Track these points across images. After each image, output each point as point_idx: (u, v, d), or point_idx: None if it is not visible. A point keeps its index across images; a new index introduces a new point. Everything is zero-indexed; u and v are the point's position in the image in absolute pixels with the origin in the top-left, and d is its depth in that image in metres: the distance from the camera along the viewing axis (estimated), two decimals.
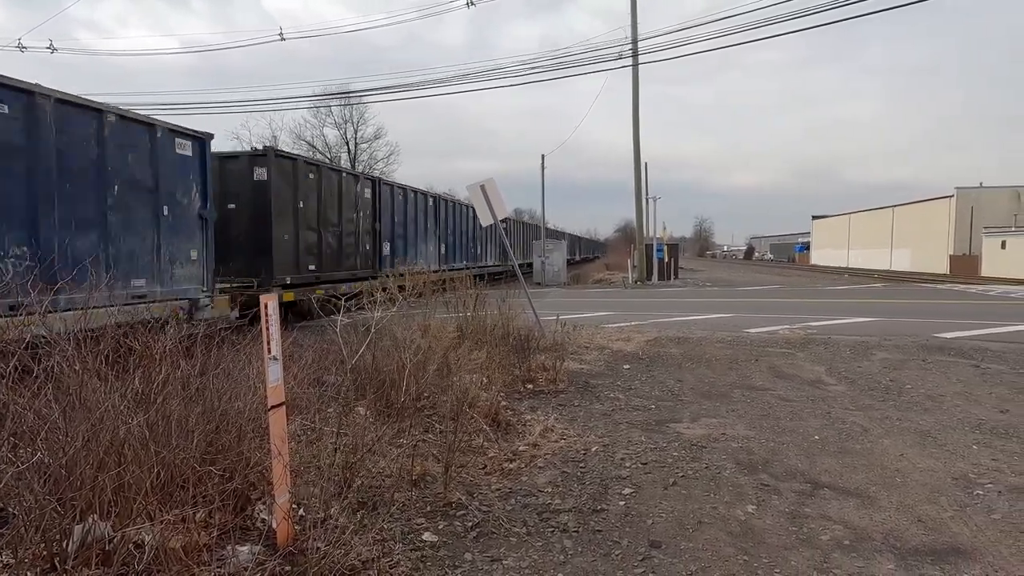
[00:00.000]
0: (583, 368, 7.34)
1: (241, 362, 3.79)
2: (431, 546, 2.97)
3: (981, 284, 27.16)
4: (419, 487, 3.61)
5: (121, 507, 2.35)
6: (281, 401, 2.60)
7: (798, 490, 3.70)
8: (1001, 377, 6.77)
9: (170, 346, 3.14)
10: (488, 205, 9.50)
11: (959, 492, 3.65)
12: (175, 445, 2.53)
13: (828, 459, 4.23)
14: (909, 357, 7.92)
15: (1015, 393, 6.07)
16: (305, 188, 11.07)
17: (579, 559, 2.90)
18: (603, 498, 3.59)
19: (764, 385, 6.48)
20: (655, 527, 3.23)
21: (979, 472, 3.96)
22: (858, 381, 6.62)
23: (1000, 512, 3.37)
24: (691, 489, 3.73)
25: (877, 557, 2.89)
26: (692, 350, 8.55)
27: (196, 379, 3.17)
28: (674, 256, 29.01)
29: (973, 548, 2.97)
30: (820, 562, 2.85)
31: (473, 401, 4.92)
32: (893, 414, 5.35)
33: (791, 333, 10.02)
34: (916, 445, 4.50)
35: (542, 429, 4.82)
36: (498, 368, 6.16)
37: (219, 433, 2.87)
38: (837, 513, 3.38)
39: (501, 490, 3.69)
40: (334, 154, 44.22)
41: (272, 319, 2.51)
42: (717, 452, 4.38)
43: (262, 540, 2.61)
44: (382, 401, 4.66)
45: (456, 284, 8.59)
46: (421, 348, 4.86)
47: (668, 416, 5.36)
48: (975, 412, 5.39)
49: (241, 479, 2.68)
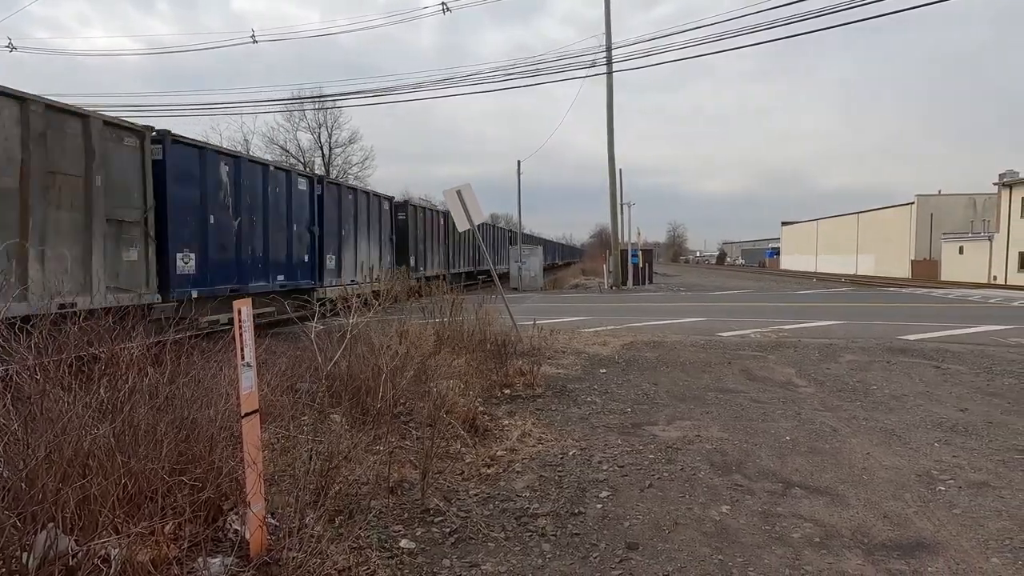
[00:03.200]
0: (560, 372, 7.37)
1: (213, 369, 3.71)
2: (409, 553, 2.94)
3: (941, 288, 28.20)
4: (396, 494, 3.58)
5: (86, 520, 2.27)
6: (255, 408, 2.55)
7: (770, 490, 3.78)
8: (960, 377, 7.03)
9: (137, 353, 3.05)
10: (464, 210, 9.50)
11: (922, 488, 3.77)
12: (143, 455, 2.45)
13: (799, 459, 4.32)
14: (874, 359, 8.17)
15: (973, 392, 6.31)
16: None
17: (557, 563, 2.90)
18: (581, 501, 3.61)
19: (737, 387, 6.60)
20: (632, 529, 3.26)
21: (941, 469, 4.10)
22: (827, 382, 6.79)
23: (961, 507, 3.49)
24: (667, 491, 3.77)
25: (846, 553, 2.97)
26: (667, 354, 8.66)
27: (165, 387, 3.08)
28: (648, 261, 29.44)
29: (936, 542, 3.07)
30: (792, 559, 2.91)
31: (450, 407, 4.90)
32: (860, 414, 5.50)
33: (762, 336, 10.25)
34: (882, 444, 4.64)
35: (520, 434, 4.82)
36: (475, 373, 6.15)
37: (190, 442, 2.80)
38: (808, 511, 3.46)
39: (479, 495, 3.67)
40: (308, 158, 43.68)
41: (246, 324, 2.46)
42: (692, 454, 4.44)
43: (235, 551, 2.55)
44: (358, 408, 4.61)
45: (432, 290, 8.55)
46: (398, 354, 4.83)
47: (644, 419, 5.41)
48: (937, 411, 5.59)
49: (213, 489, 2.62)
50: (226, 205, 9.62)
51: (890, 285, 31.38)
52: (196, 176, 9.00)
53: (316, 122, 43.79)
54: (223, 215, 9.54)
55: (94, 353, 3.27)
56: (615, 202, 25.66)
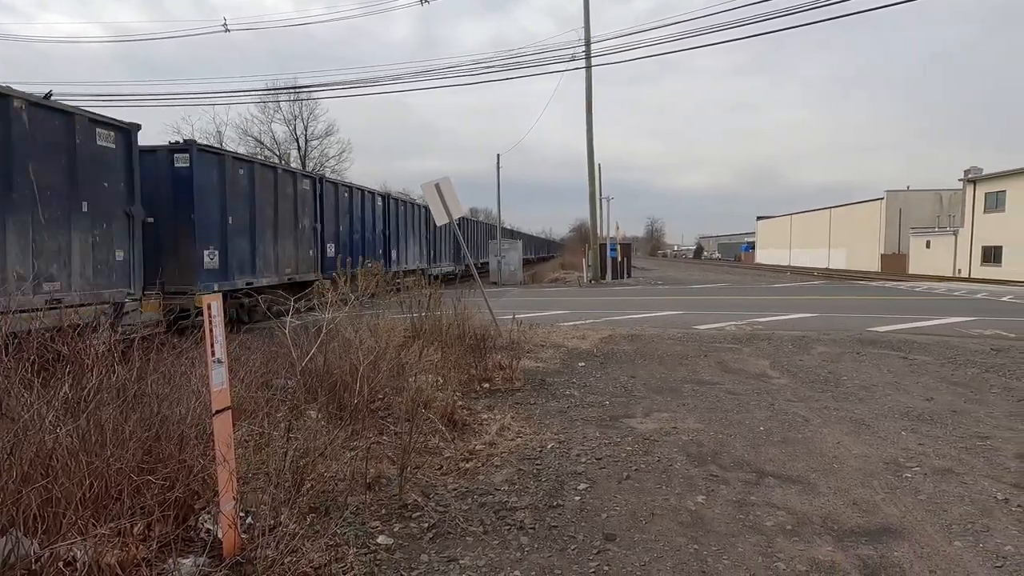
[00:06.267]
0: (539, 366, 7.39)
1: (184, 366, 3.63)
2: (386, 549, 2.92)
3: (909, 281, 29.03)
4: (374, 490, 3.55)
5: (49, 523, 2.20)
6: (226, 405, 2.50)
7: (745, 479, 3.85)
8: (926, 368, 7.25)
9: (103, 350, 2.96)
10: (443, 204, 9.43)
11: (890, 476, 3.88)
12: (109, 454, 2.38)
13: (772, 449, 4.41)
14: (845, 350, 8.37)
15: (938, 382, 6.51)
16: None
17: (535, 555, 2.92)
18: (559, 494, 3.63)
19: (713, 379, 6.70)
20: (610, 520, 3.29)
21: (907, 456, 4.22)
22: (799, 374, 6.94)
23: (926, 493, 3.60)
24: (644, 482, 3.82)
25: (817, 540, 3.04)
26: (644, 347, 8.75)
27: (133, 384, 3.00)
28: (627, 255, 29.64)
29: (902, 527, 3.16)
30: (765, 547, 2.97)
31: (429, 402, 4.88)
32: (831, 404, 5.64)
33: (738, 329, 10.42)
34: (851, 433, 4.76)
35: (499, 428, 4.82)
36: (454, 368, 6.12)
37: (159, 440, 2.73)
38: (780, 500, 3.53)
39: (458, 490, 3.67)
40: (283, 151, 42.86)
41: (216, 320, 2.41)
42: (669, 445, 4.50)
43: (207, 551, 2.50)
44: (335, 404, 4.56)
45: (411, 284, 8.48)
46: (373, 349, 4.78)
47: (622, 412, 5.46)
48: (904, 401, 5.75)
49: (183, 488, 2.56)
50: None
51: (861, 278, 32.18)
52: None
53: (291, 114, 42.98)
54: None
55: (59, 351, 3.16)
56: (594, 197, 25.78)
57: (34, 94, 6.76)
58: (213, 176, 9.77)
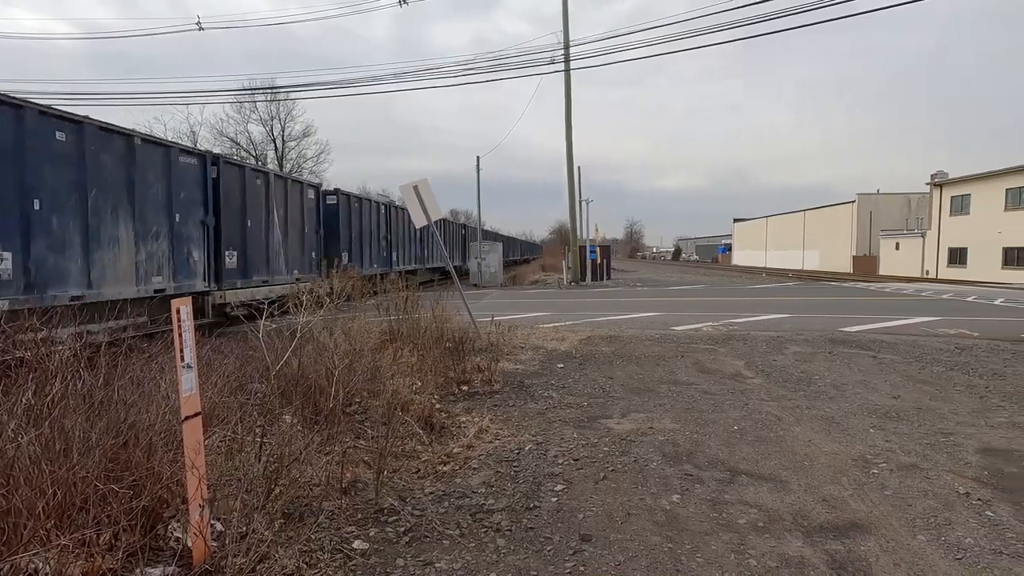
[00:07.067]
0: (518, 368, 7.41)
1: (154, 371, 3.55)
2: (361, 554, 2.90)
3: (879, 282, 29.78)
4: (350, 495, 3.52)
5: (9, 534, 2.13)
6: (196, 411, 2.45)
7: (719, 478, 3.91)
8: (895, 367, 7.45)
9: (68, 355, 2.89)
10: (422, 206, 9.40)
11: (858, 472, 3.98)
12: (74, 462, 2.33)
13: (746, 447, 4.49)
14: (817, 350, 8.56)
15: (906, 380, 6.70)
16: None
17: (512, 557, 2.92)
18: (536, 495, 3.64)
19: (689, 380, 6.79)
20: (586, 521, 3.31)
21: (875, 453, 4.34)
22: (773, 374, 7.07)
23: (892, 488, 3.71)
24: (620, 482, 3.85)
25: (787, 536, 3.10)
26: (623, 348, 8.83)
27: (100, 391, 2.93)
28: (606, 257, 29.83)
29: (869, 522, 3.25)
30: (737, 544, 3.03)
31: (406, 405, 4.85)
32: (803, 403, 5.76)
33: (714, 330, 10.57)
34: (822, 431, 4.87)
35: (477, 430, 4.82)
36: (431, 371, 6.10)
37: (127, 448, 2.67)
38: (753, 498, 3.60)
39: (435, 493, 3.65)
40: (260, 152, 42.24)
41: (185, 324, 2.36)
42: (645, 445, 4.55)
43: (176, 560, 2.45)
44: (311, 408, 4.51)
45: (388, 287, 8.43)
46: (349, 352, 4.74)
47: (599, 412, 5.50)
48: (872, 399, 5.90)
49: (151, 496, 2.50)
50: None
51: (833, 279, 32.93)
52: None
53: (268, 114, 42.39)
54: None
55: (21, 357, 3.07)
56: (574, 199, 25.91)
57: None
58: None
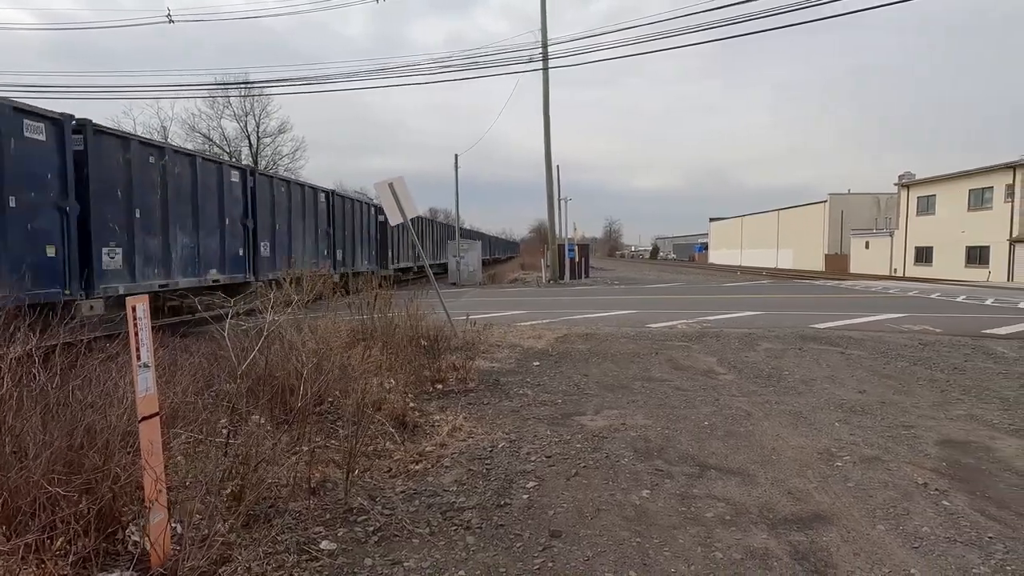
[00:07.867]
0: (494, 366, 7.40)
1: (114, 371, 3.45)
2: (328, 554, 2.86)
3: (850, 280, 30.53)
4: (318, 495, 3.47)
5: None
6: (154, 411, 2.39)
7: (688, 473, 3.96)
8: (861, 362, 7.64)
9: (20, 354, 2.79)
10: (397, 204, 9.32)
11: (823, 465, 4.07)
12: (23, 466, 2.25)
13: (716, 442, 4.56)
14: (788, 346, 8.73)
15: (871, 375, 6.87)
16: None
17: (481, 554, 2.92)
18: (507, 493, 3.64)
19: (662, 376, 6.87)
20: (556, 517, 3.32)
21: (840, 446, 4.44)
22: (744, 370, 7.19)
23: (854, 480, 3.80)
24: (591, 479, 3.88)
25: (753, 529, 3.16)
26: (598, 346, 8.89)
27: (56, 391, 2.84)
28: (585, 256, 30.02)
29: (832, 513, 3.33)
30: (704, 537, 3.07)
31: (378, 403, 4.81)
32: (773, 398, 5.87)
33: (688, 327, 10.71)
34: (790, 425, 4.97)
35: (450, 428, 4.80)
36: (403, 369, 6.06)
37: (83, 450, 2.59)
38: (721, 492, 3.65)
39: (405, 492, 3.63)
40: (234, 148, 41.45)
41: (142, 323, 2.30)
42: (617, 442, 4.59)
43: (133, 565, 2.38)
44: (280, 407, 4.43)
45: (360, 286, 8.34)
46: (317, 351, 4.67)
47: (573, 410, 5.53)
48: (839, 393, 6.05)
49: (107, 499, 2.43)
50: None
51: (806, 278, 33.64)
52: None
53: (242, 110, 41.65)
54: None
55: None
56: (552, 198, 25.97)
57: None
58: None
